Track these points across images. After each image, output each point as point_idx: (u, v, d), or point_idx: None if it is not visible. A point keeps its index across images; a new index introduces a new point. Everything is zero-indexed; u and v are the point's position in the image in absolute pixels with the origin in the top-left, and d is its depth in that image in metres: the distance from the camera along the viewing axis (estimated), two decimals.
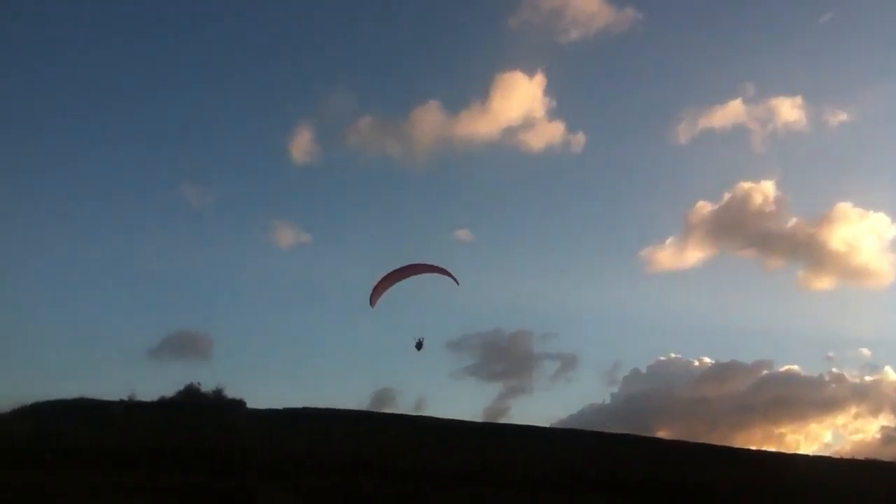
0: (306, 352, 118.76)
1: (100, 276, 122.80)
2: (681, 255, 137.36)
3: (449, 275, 35.40)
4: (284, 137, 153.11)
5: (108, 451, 42.04)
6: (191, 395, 60.58)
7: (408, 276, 35.58)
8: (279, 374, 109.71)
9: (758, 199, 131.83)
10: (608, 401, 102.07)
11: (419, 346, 36.84)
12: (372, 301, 35.54)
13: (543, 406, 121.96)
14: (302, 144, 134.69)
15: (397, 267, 35.69)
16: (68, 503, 31.62)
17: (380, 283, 35.30)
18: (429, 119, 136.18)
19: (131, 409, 56.84)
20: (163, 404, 59.59)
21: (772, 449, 75.60)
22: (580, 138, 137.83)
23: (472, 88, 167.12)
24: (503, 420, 78.18)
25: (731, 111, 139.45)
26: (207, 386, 61.32)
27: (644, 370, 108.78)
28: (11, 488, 32.38)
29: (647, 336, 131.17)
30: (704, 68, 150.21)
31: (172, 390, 61.40)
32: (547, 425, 74.31)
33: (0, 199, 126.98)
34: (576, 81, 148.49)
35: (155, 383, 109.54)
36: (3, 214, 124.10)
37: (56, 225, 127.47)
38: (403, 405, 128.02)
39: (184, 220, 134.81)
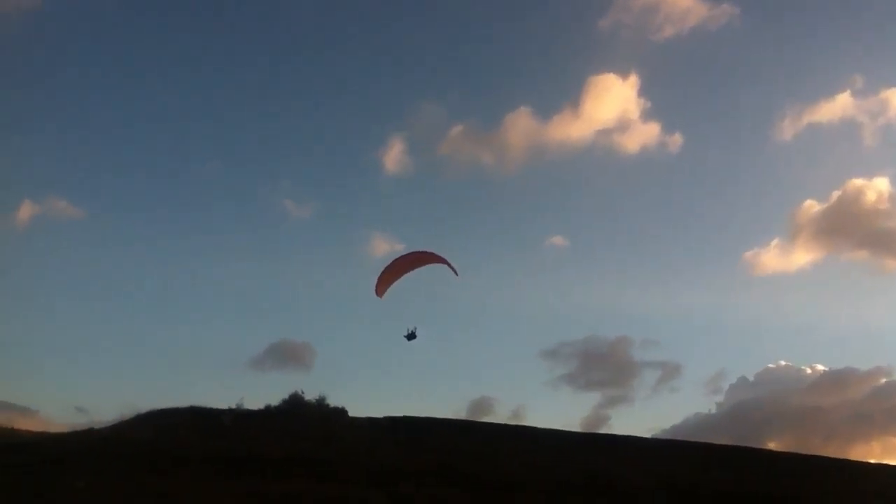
0: (404, 361, 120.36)
1: (208, 289, 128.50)
2: (787, 258, 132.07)
3: (449, 265, 35.40)
4: (378, 150, 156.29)
5: (220, 457, 43.72)
6: (295, 404, 61.88)
7: (413, 267, 35.79)
8: (379, 383, 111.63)
9: (870, 196, 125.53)
10: (713, 410, 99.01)
11: (411, 336, 36.41)
12: (378, 291, 35.80)
13: (645, 416, 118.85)
14: (395, 156, 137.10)
15: (400, 255, 36.05)
16: None
17: (385, 274, 35.56)
18: (520, 125, 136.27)
19: (240, 417, 58.75)
20: (268, 412, 61.29)
21: (892, 462, 71.28)
22: (677, 138, 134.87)
23: (563, 92, 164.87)
24: (603, 430, 76.66)
25: (839, 105, 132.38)
26: (311, 395, 62.63)
27: (751, 378, 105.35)
28: (135, 492, 34.24)
29: (754, 343, 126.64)
30: (808, 60, 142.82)
31: (277, 399, 62.99)
32: (649, 436, 72.58)
33: (117, 221, 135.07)
34: (671, 80, 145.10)
35: (260, 392, 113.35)
36: (121, 234, 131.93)
37: (173, 243, 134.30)
38: (500, 414, 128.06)
39: (286, 234, 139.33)
